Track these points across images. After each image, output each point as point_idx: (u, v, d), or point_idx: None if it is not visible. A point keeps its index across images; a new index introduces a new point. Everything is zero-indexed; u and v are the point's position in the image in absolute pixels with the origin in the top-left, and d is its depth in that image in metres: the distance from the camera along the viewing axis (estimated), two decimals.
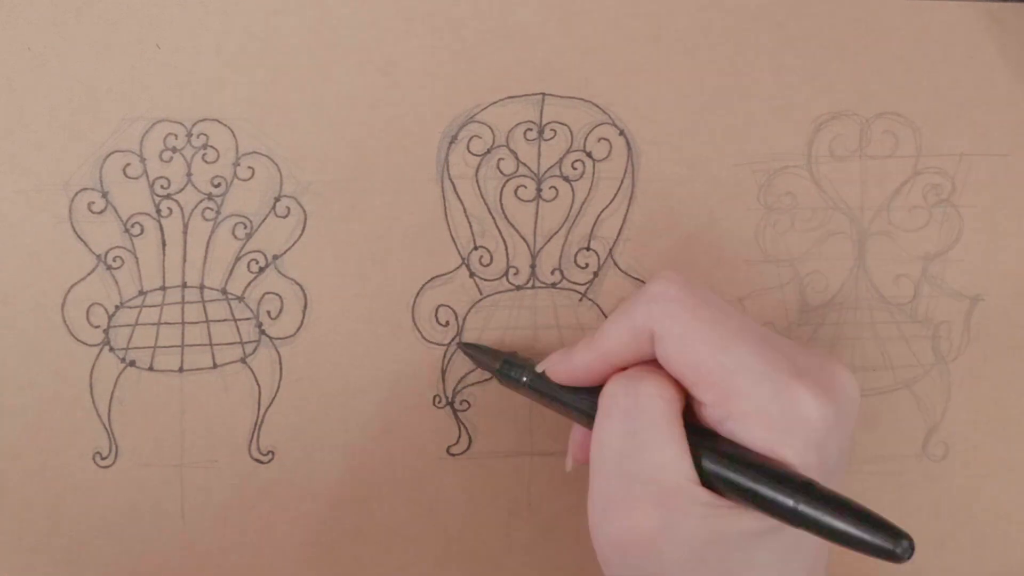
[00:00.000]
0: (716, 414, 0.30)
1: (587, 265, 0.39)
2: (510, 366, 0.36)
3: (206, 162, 0.36)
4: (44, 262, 0.36)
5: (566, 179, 0.38)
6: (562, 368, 0.33)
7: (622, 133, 0.38)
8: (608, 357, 0.32)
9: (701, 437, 0.30)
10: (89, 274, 0.36)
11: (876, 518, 0.27)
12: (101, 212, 0.36)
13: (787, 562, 0.29)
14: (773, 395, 0.29)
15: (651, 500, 0.29)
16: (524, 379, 0.35)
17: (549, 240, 0.38)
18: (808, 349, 0.31)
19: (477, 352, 0.37)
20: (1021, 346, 0.41)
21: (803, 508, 0.27)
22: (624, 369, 0.32)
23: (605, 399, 0.31)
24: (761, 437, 0.29)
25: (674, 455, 0.29)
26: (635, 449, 0.30)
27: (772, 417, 0.29)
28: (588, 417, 0.33)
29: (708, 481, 0.29)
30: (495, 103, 0.37)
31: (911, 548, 0.26)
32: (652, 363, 0.31)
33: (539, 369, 0.34)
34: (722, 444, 0.29)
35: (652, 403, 0.30)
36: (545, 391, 0.34)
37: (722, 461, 0.29)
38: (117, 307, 0.36)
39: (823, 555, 0.31)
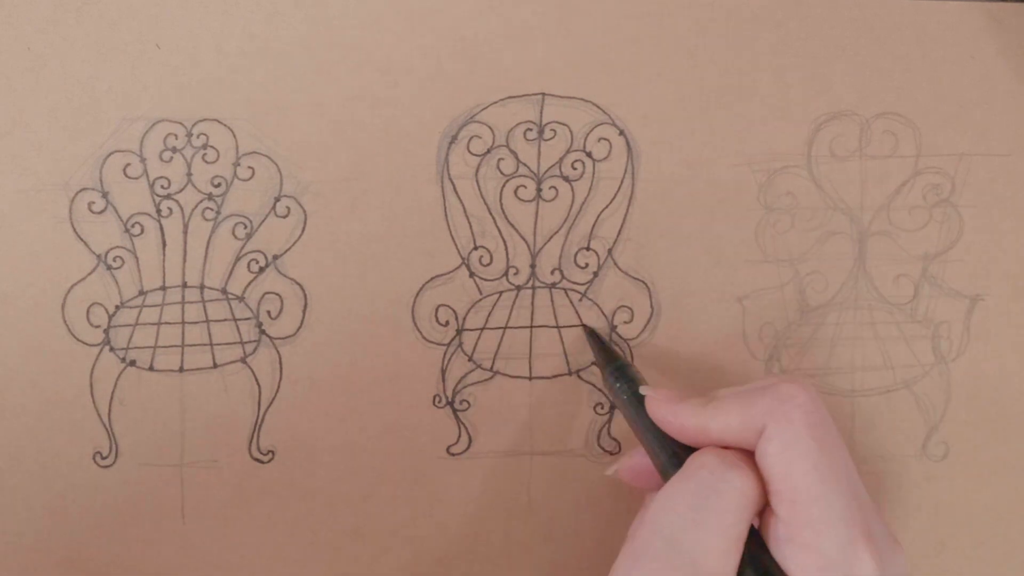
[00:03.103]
0: (782, 531, 0.29)
1: (587, 265, 0.39)
2: (620, 374, 0.35)
3: (206, 162, 0.36)
4: (44, 262, 0.36)
5: (566, 179, 0.38)
6: (664, 415, 0.33)
7: (622, 133, 0.38)
8: (710, 433, 0.31)
9: (760, 548, 0.30)
10: (89, 274, 0.36)
11: None
12: (101, 212, 0.36)
13: None
14: (841, 543, 0.29)
15: (683, 575, 0.29)
16: (625, 397, 0.35)
17: (549, 240, 0.38)
18: (879, 515, 0.31)
19: (597, 344, 0.37)
20: (1021, 346, 0.41)
21: None
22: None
23: (693, 465, 0.31)
24: (809, 574, 0.29)
25: (724, 550, 0.29)
26: (693, 524, 0.29)
27: (829, 561, 0.29)
28: (661, 460, 0.33)
29: None
30: (495, 103, 0.37)
31: None
32: (751, 455, 0.31)
33: (643, 392, 0.34)
34: (769, 565, 0.29)
35: (732, 495, 0.30)
36: (637, 416, 0.34)
37: None
38: (117, 307, 0.36)
39: None
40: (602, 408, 0.39)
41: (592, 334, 0.38)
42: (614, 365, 0.36)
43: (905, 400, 0.41)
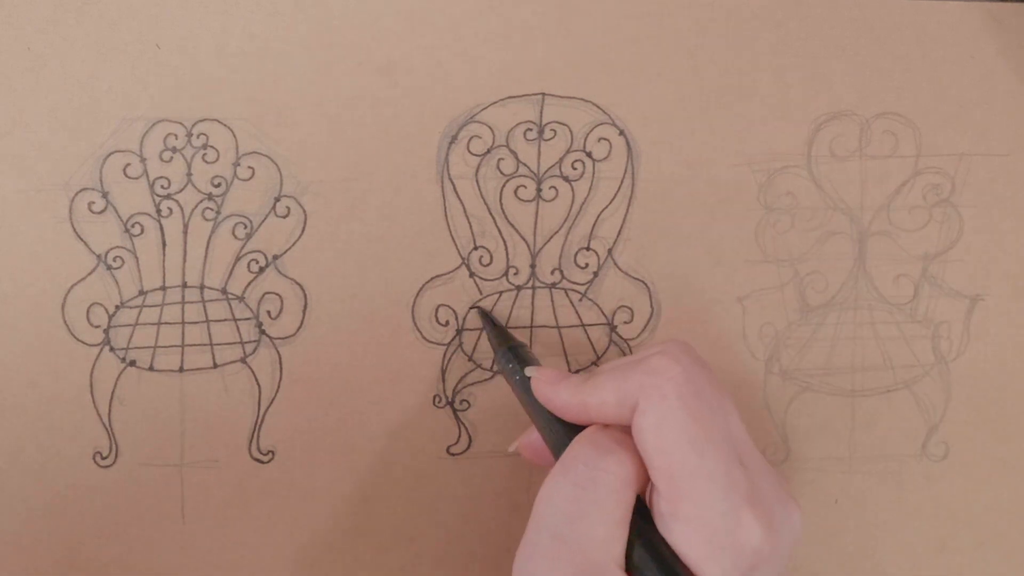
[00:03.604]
0: (664, 507, 0.29)
1: (587, 265, 0.39)
2: (512, 355, 0.35)
3: (206, 162, 0.36)
4: (44, 262, 0.36)
5: (566, 179, 0.38)
6: (546, 394, 0.33)
7: (622, 133, 0.38)
8: (588, 410, 0.31)
9: (644, 524, 0.30)
10: (89, 274, 0.36)
11: None
12: (101, 212, 0.36)
13: None
14: (722, 512, 0.29)
15: (574, 567, 0.29)
16: (518, 377, 0.34)
17: (549, 240, 0.38)
18: (774, 475, 0.31)
19: (491, 325, 0.37)
20: (1021, 346, 0.41)
21: None
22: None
23: (567, 458, 0.31)
24: (696, 546, 0.29)
25: (608, 536, 0.29)
26: (575, 516, 0.29)
27: (713, 531, 0.28)
28: (549, 441, 0.33)
29: (631, 566, 0.29)
30: (495, 103, 0.37)
31: None
32: (628, 431, 0.31)
33: (527, 374, 0.34)
34: (656, 542, 0.29)
35: (607, 480, 0.29)
36: (526, 397, 0.34)
37: (650, 559, 0.29)
38: (117, 307, 0.36)
39: None
40: None
41: (484, 315, 0.38)
42: (506, 346, 0.36)
43: (905, 400, 0.41)
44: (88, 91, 0.36)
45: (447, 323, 0.38)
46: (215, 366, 0.37)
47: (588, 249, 0.38)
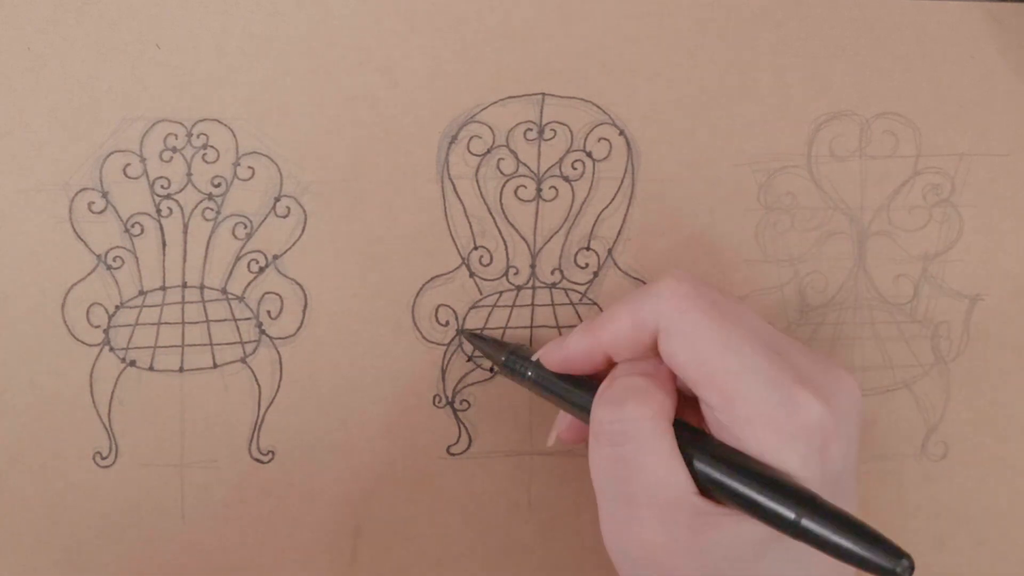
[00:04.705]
0: (721, 417, 0.29)
1: (587, 265, 0.39)
2: (516, 359, 0.35)
3: (206, 162, 0.36)
4: (44, 262, 0.36)
5: (566, 179, 0.38)
6: (558, 354, 0.33)
7: (622, 133, 0.38)
8: (604, 345, 0.32)
9: (700, 441, 0.30)
10: (89, 274, 0.36)
11: (877, 536, 0.27)
12: (101, 212, 0.36)
13: (805, 565, 0.29)
14: (777, 401, 0.29)
15: (654, 517, 0.29)
16: (529, 373, 0.35)
17: (549, 240, 0.38)
18: (813, 352, 0.31)
19: (481, 342, 0.37)
20: (1021, 346, 0.41)
21: (806, 523, 0.27)
22: (614, 363, 0.32)
23: (593, 425, 0.31)
24: (765, 443, 0.29)
25: (667, 472, 0.29)
26: (628, 472, 0.30)
27: (776, 422, 0.28)
28: (583, 411, 0.33)
29: (707, 489, 0.29)
30: (495, 103, 0.37)
31: (911, 568, 0.26)
32: (644, 361, 0.31)
33: (534, 357, 0.34)
34: (722, 450, 0.29)
35: (637, 426, 0.30)
36: (548, 386, 0.34)
37: (721, 469, 0.29)
38: (117, 307, 0.36)
39: None
40: None
41: (472, 336, 0.38)
42: (507, 352, 0.36)
43: (905, 400, 0.41)
44: (88, 91, 0.36)
45: (447, 323, 0.38)
46: (215, 366, 0.37)
47: (588, 249, 0.38)
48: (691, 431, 0.30)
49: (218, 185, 0.37)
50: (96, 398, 0.36)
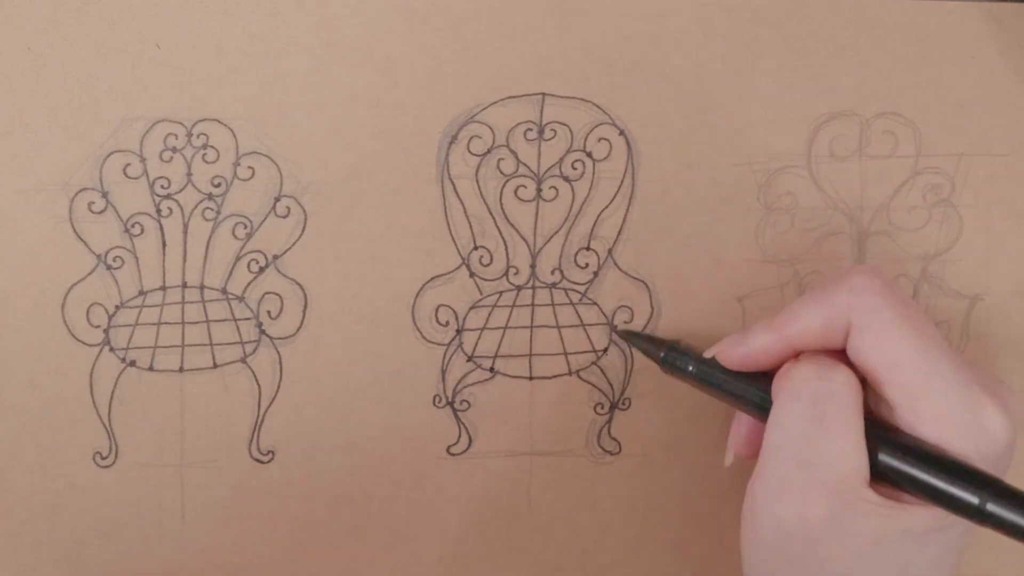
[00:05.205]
0: (904, 417, 0.29)
1: (587, 265, 0.39)
2: (676, 354, 0.35)
3: (206, 162, 0.36)
4: (44, 262, 0.36)
5: (566, 179, 0.38)
6: (738, 351, 0.33)
7: (622, 133, 0.38)
8: (792, 340, 0.31)
9: (880, 432, 0.30)
10: (89, 274, 0.36)
11: None
12: (101, 212, 0.36)
13: (940, 563, 0.30)
14: (965, 405, 0.29)
15: (825, 489, 0.29)
16: (690, 368, 0.34)
17: (549, 240, 0.38)
18: (982, 369, 0.31)
19: (638, 340, 0.37)
20: (1021, 346, 0.41)
21: (991, 507, 0.27)
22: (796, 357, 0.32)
23: (795, 381, 0.31)
24: (951, 443, 0.29)
25: (853, 449, 0.29)
26: (820, 434, 0.29)
27: (962, 426, 0.29)
28: (757, 407, 0.32)
29: (883, 477, 0.29)
30: (495, 103, 0.37)
31: None
32: (831, 354, 0.31)
33: (708, 355, 0.34)
34: (903, 438, 0.29)
35: (843, 391, 0.30)
36: (713, 380, 0.34)
37: (902, 456, 0.29)
38: (117, 307, 0.36)
39: (963, 555, 0.31)
40: (602, 408, 0.39)
41: (627, 335, 0.38)
42: (667, 347, 0.36)
43: None
44: (88, 91, 0.36)
45: (447, 323, 0.38)
46: (215, 366, 0.37)
47: (588, 249, 0.38)
48: (871, 421, 0.30)
49: (218, 185, 0.37)
50: (96, 398, 0.36)
